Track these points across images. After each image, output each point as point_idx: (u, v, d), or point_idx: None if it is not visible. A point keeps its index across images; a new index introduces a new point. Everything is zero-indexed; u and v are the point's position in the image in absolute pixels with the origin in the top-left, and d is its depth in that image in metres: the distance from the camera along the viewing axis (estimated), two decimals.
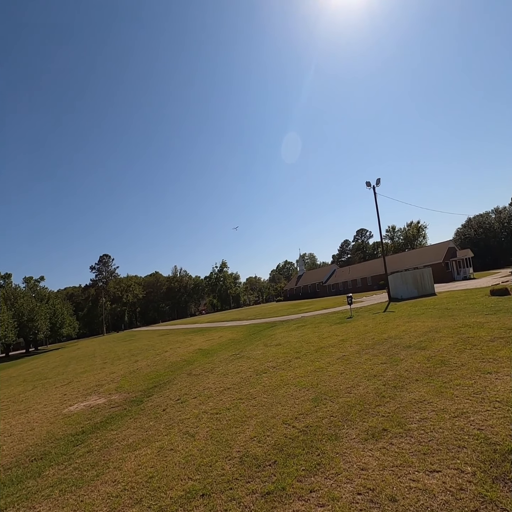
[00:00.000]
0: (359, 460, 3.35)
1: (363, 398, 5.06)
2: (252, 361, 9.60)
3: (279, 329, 16.68)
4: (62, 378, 14.04)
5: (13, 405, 10.18)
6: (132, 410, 7.07)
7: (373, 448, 3.53)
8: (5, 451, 5.98)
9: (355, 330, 11.56)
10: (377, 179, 24.09)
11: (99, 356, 21.17)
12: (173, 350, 16.20)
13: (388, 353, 7.49)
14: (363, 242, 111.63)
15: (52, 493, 4.00)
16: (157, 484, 3.68)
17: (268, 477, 3.38)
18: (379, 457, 3.33)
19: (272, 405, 5.53)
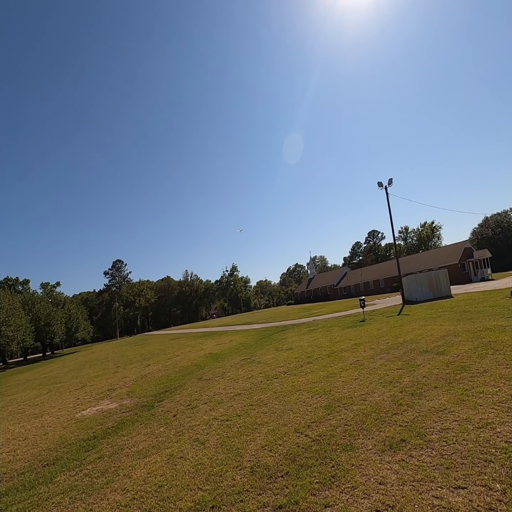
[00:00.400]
0: (377, 473, 3.17)
1: (379, 406, 4.85)
2: (263, 366, 9.45)
3: (290, 333, 16.46)
4: (76, 382, 14.24)
5: (29, 408, 10.36)
6: (143, 415, 7.03)
7: (391, 460, 3.34)
8: (19, 455, 6.03)
9: (368, 334, 11.25)
10: (389, 179, 23.64)
11: (112, 360, 21.43)
12: (184, 355, 16.20)
13: (404, 358, 7.21)
14: (375, 243, 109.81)
15: (62, 501, 3.97)
16: (166, 494, 3.59)
17: (280, 489, 3.24)
18: (398, 470, 3.14)
19: (283, 412, 5.38)
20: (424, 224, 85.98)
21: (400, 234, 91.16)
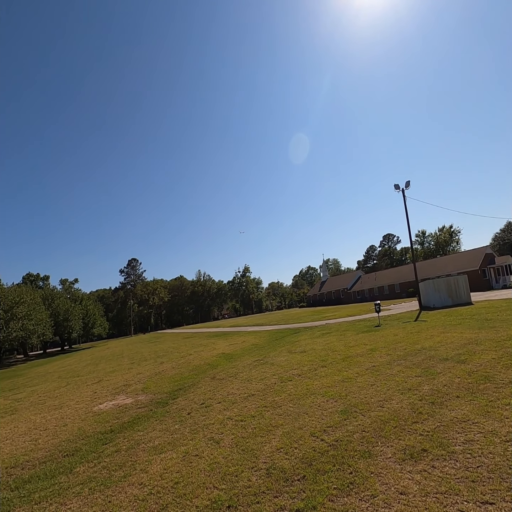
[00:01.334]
0: (397, 482, 3.08)
1: (398, 413, 4.73)
2: (276, 368, 9.41)
3: (303, 335, 16.32)
4: (93, 377, 14.64)
5: (49, 400, 10.73)
6: (157, 412, 7.14)
7: (412, 470, 3.25)
8: (40, 444, 6.25)
9: (384, 340, 11.00)
10: (406, 181, 23.12)
11: (127, 356, 21.90)
12: (197, 354, 16.36)
13: (423, 366, 7.00)
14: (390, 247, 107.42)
15: (82, 491, 4.08)
16: (182, 491, 3.63)
17: (297, 493, 3.21)
18: (420, 481, 3.05)
19: (298, 415, 5.33)
20: (442, 228, 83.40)
21: (417, 238, 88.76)
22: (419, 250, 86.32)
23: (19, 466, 5.29)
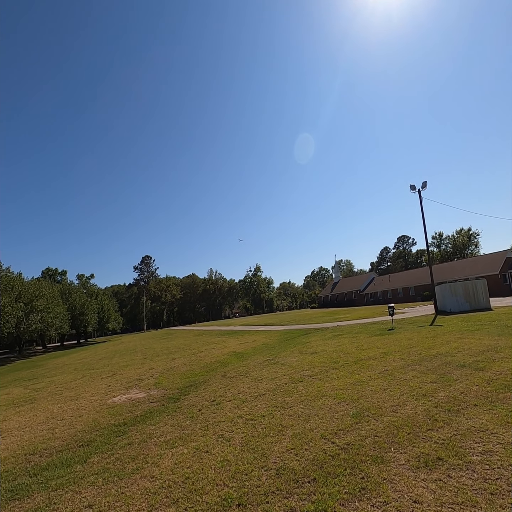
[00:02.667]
0: (411, 490, 3.01)
1: (412, 419, 4.62)
2: (287, 368, 9.38)
3: (314, 336, 16.19)
4: (107, 370, 15.03)
5: (66, 391, 11.09)
6: (169, 407, 7.26)
7: (426, 478, 3.17)
8: (57, 434, 6.47)
9: (398, 343, 10.77)
10: (423, 182, 22.55)
11: (140, 351, 22.36)
12: (208, 351, 16.51)
13: (439, 372, 6.81)
14: (405, 249, 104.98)
15: (96, 481, 4.20)
16: (193, 486, 3.68)
17: (307, 495, 3.19)
18: (435, 490, 2.97)
19: (309, 417, 5.29)
20: (460, 230, 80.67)
21: (433, 240, 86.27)
22: (436, 253, 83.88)
23: (37, 454, 5.49)
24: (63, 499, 3.83)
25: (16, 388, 13.53)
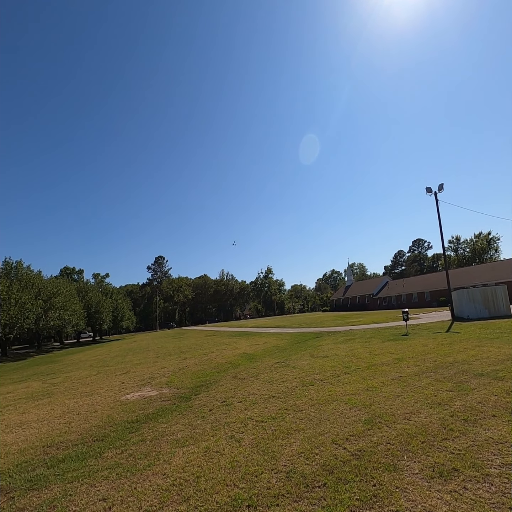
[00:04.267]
0: (425, 500, 2.95)
1: (426, 428, 4.51)
2: (297, 371, 9.33)
3: (326, 340, 16.02)
4: (121, 367, 15.37)
5: (81, 386, 11.42)
6: (180, 406, 7.35)
7: (441, 489, 3.09)
8: (73, 428, 6.68)
9: (412, 350, 10.53)
10: (439, 184, 21.93)
11: (153, 350, 22.74)
12: (219, 352, 16.62)
13: (455, 380, 6.62)
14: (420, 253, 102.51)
15: (110, 475, 4.31)
16: (203, 485, 3.72)
17: (317, 499, 3.17)
18: (450, 501, 2.89)
19: (320, 421, 5.25)
20: (479, 234, 78.01)
21: (450, 244, 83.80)
22: (453, 257, 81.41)
23: (54, 446, 5.68)
24: (79, 491, 3.95)
25: (35, 382, 14.03)
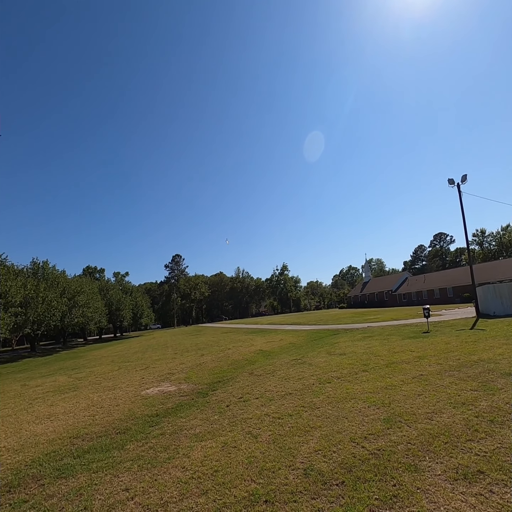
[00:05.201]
0: (448, 503, 2.85)
1: (449, 428, 4.36)
2: (314, 369, 9.26)
3: (343, 337, 15.79)
4: (141, 363, 15.84)
5: (104, 381, 11.87)
6: (198, 401, 7.49)
7: (466, 491, 2.98)
8: (97, 420, 6.96)
9: (434, 347, 10.18)
10: (462, 175, 20.94)
11: (171, 347, 23.27)
12: (235, 348, 16.77)
13: (480, 379, 6.35)
14: (442, 247, 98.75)
15: (132, 467, 4.46)
16: (221, 480, 3.78)
17: (335, 497, 3.14)
18: (474, 505, 2.78)
19: (337, 419, 5.20)
20: (506, 227, 74.15)
21: (475, 238, 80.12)
22: (477, 251, 77.85)
23: (80, 438, 5.95)
24: (103, 481, 4.12)
25: (62, 376, 14.73)
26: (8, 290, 27.95)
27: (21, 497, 3.97)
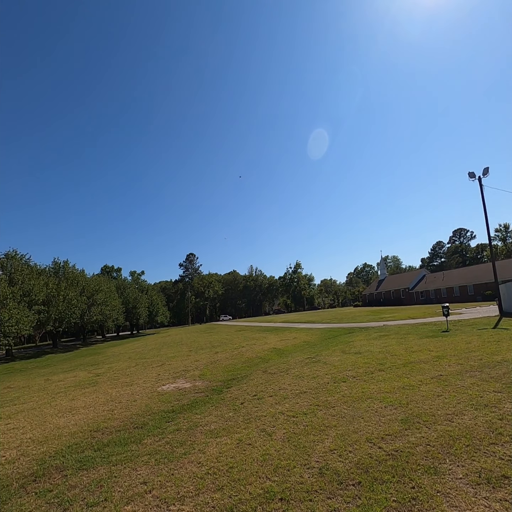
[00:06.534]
0: (470, 507, 2.76)
1: (471, 430, 4.20)
2: (329, 367, 9.17)
3: (358, 336, 15.54)
4: (157, 360, 16.18)
5: (122, 377, 12.21)
6: (213, 398, 7.58)
7: (489, 497, 2.87)
8: (116, 415, 7.16)
9: (453, 347, 9.85)
10: (484, 168, 20.07)
11: (185, 344, 23.64)
12: (249, 346, 16.84)
13: (504, 380, 6.09)
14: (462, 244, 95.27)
15: (149, 461, 4.56)
16: (237, 476, 3.80)
17: (352, 498, 3.10)
18: (499, 511, 2.67)
19: (353, 419, 5.12)
20: None
21: (497, 233, 76.81)
22: (500, 247, 74.67)
23: (100, 431, 6.14)
24: (122, 474, 4.23)
25: (82, 372, 15.26)
26: (32, 288, 29.19)
27: (46, 486, 4.14)
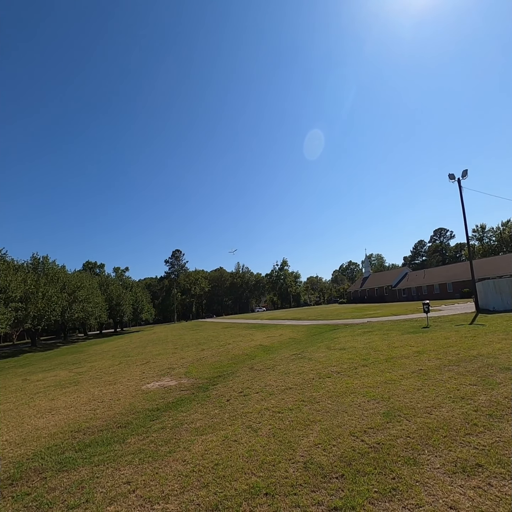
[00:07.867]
0: (446, 495, 2.88)
1: (448, 422, 4.38)
2: (314, 363, 9.31)
3: (343, 332, 15.86)
4: (141, 358, 15.92)
5: (105, 376, 11.94)
6: (199, 395, 7.54)
7: (464, 484, 3.00)
8: (98, 414, 7.01)
9: (433, 342, 10.22)
10: (463, 170, 20.82)
11: (171, 341, 23.37)
12: (235, 343, 16.84)
13: (479, 374, 6.38)
14: (442, 243, 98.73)
15: (133, 460, 4.49)
16: (222, 473, 3.81)
17: (335, 490, 3.17)
18: (473, 497, 2.81)
19: (337, 413, 5.23)
20: (506, 222, 74.11)
21: (475, 233, 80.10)
22: (477, 247, 77.94)
23: (81, 431, 6.00)
24: (104, 474, 4.15)
25: (62, 371, 14.82)
26: (8, 285, 27.96)
27: (23, 490, 4.01)
